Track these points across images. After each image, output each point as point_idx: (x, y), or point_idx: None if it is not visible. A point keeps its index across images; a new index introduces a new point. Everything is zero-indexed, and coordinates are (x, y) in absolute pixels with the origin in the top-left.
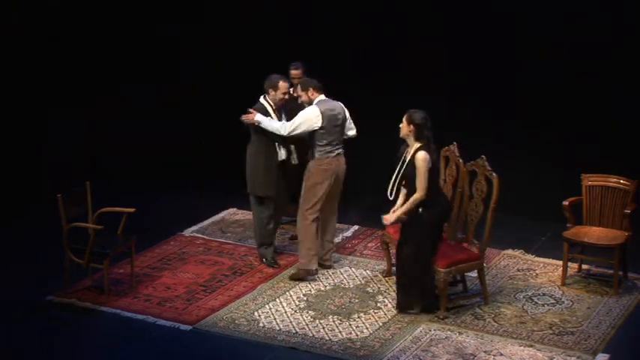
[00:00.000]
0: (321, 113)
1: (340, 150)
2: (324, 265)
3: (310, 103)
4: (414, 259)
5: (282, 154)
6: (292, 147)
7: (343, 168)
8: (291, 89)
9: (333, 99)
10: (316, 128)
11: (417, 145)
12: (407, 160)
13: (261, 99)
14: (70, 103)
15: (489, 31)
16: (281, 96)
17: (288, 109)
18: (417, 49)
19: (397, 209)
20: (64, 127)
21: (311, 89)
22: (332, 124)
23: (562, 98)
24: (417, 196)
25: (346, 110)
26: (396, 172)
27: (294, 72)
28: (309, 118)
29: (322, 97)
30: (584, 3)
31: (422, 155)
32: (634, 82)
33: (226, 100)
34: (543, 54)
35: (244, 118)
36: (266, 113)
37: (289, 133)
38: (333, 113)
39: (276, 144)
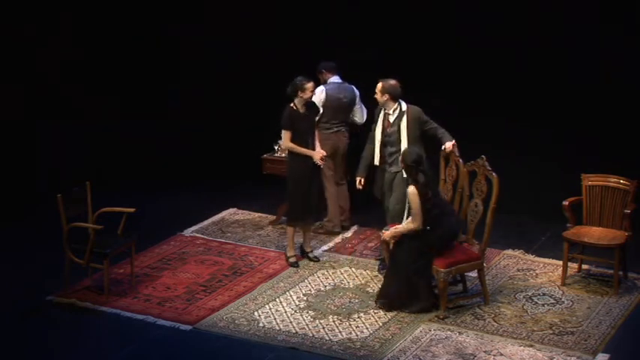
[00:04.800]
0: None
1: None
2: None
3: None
4: (410, 261)
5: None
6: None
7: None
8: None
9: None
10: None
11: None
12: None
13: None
14: (71, 103)
15: (489, 32)
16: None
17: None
18: (417, 49)
19: (398, 228)
20: (64, 127)
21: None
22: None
23: (562, 98)
24: (411, 226)
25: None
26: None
27: (308, 85)
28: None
29: (336, 78)
30: (584, 4)
31: (411, 189)
32: (634, 82)
33: (226, 101)
34: (544, 54)
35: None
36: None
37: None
38: (338, 96)
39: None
